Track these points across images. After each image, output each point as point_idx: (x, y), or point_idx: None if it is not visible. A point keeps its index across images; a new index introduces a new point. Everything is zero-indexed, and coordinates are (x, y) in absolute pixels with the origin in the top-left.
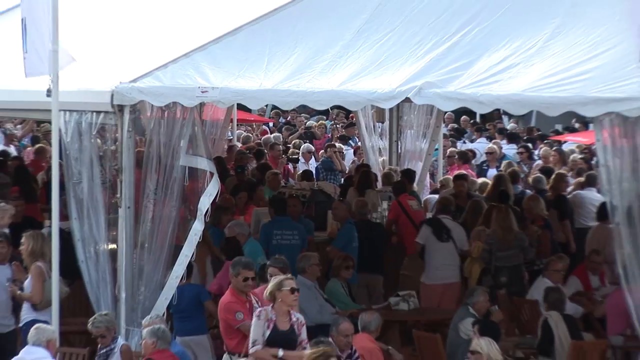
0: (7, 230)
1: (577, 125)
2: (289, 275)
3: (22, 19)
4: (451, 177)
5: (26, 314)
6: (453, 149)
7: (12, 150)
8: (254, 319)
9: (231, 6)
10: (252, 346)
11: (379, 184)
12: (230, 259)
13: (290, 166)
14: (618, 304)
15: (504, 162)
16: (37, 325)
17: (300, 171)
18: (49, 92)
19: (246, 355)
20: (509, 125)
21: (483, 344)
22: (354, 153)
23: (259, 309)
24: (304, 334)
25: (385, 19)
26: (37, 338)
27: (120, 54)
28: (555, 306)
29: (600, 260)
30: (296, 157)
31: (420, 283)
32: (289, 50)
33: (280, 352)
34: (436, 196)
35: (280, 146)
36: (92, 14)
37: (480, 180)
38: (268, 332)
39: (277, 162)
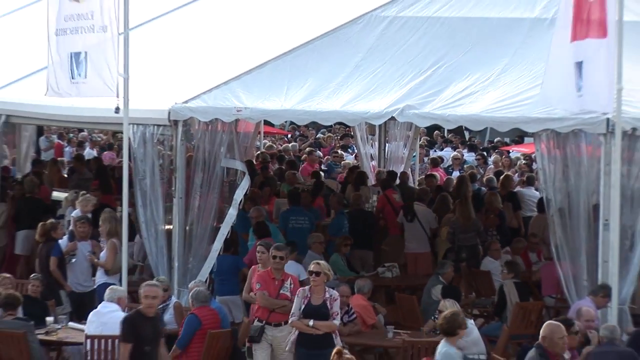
0: (89, 215)
1: (516, 138)
2: (315, 262)
3: (80, 52)
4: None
5: (99, 278)
6: (426, 156)
7: (94, 152)
8: (295, 297)
9: (259, 45)
10: (291, 317)
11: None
12: (260, 239)
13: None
14: (550, 274)
15: (466, 166)
16: (111, 286)
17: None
18: (117, 110)
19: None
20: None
21: (447, 304)
22: (355, 158)
23: (299, 289)
24: (335, 307)
25: (376, 57)
26: (111, 296)
27: (175, 80)
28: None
29: (538, 241)
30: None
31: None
32: (303, 80)
33: (311, 322)
34: None
35: (316, 153)
36: (151, 46)
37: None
38: (303, 306)
39: (313, 165)
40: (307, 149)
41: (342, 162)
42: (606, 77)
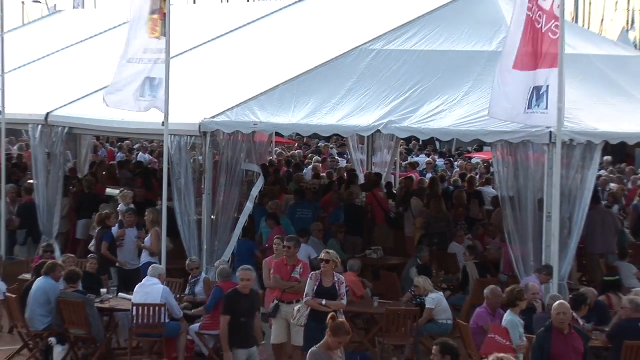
0: (132, 206)
1: (477, 147)
2: (326, 251)
3: (155, 78)
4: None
5: (144, 258)
6: (405, 161)
7: (147, 157)
8: (308, 279)
9: (272, 72)
10: (305, 297)
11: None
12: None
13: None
14: (504, 256)
15: (437, 170)
16: (153, 265)
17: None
18: (163, 124)
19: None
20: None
21: (421, 281)
22: (347, 162)
23: (312, 273)
24: (342, 289)
25: (365, 82)
26: (153, 272)
27: (204, 100)
28: (479, 257)
29: (494, 229)
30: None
31: None
32: (307, 100)
33: (324, 301)
34: None
35: (329, 160)
36: (185, 72)
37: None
38: (315, 288)
39: (326, 168)
40: (310, 154)
41: (337, 167)
42: (555, 99)
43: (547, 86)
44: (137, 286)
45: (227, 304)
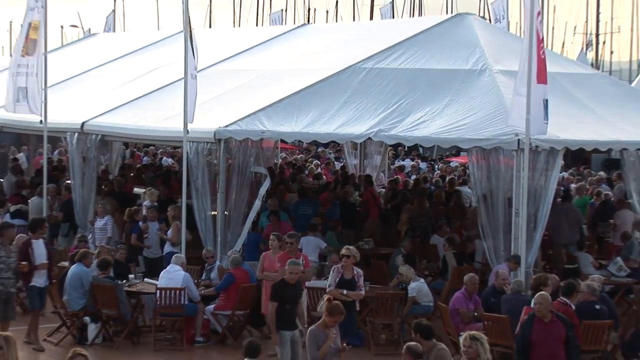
0: (156, 204)
1: (455, 152)
2: (347, 247)
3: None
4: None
5: (167, 248)
6: (392, 164)
7: (170, 161)
8: (331, 272)
9: (277, 88)
10: (328, 288)
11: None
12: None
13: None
14: (478, 246)
15: (420, 172)
16: (176, 254)
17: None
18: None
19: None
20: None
21: (404, 269)
22: (343, 165)
23: (334, 266)
24: (361, 281)
25: (358, 96)
26: (176, 261)
27: (219, 111)
28: (456, 247)
29: (470, 223)
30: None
31: None
32: (307, 111)
33: (344, 291)
34: None
35: (314, 162)
36: (202, 89)
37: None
38: (337, 280)
39: (329, 172)
40: (310, 158)
41: (333, 169)
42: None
43: (546, 99)
44: (162, 272)
45: (276, 292)
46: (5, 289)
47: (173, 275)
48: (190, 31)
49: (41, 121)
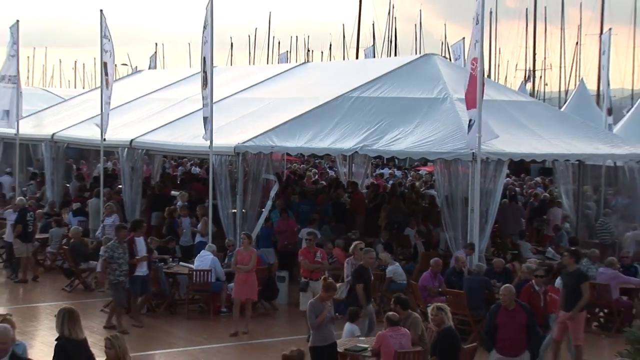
0: (187, 204)
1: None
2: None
3: (207, 117)
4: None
5: (197, 238)
6: (374, 172)
7: (198, 169)
8: (345, 264)
9: (283, 112)
10: (346, 278)
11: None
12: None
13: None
14: (442, 236)
15: (396, 179)
16: (208, 244)
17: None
18: (208, 147)
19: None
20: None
21: (383, 255)
22: (335, 173)
23: (347, 259)
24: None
25: (347, 119)
26: (208, 248)
27: (238, 130)
28: (425, 237)
29: (436, 218)
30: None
31: None
32: (307, 131)
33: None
34: None
35: (326, 172)
36: (223, 112)
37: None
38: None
39: (322, 177)
40: (309, 167)
41: (327, 176)
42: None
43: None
44: (196, 257)
45: (359, 276)
46: (125, 279)
47: (204, 259)
48: (206, 72)
49: (102, 139)
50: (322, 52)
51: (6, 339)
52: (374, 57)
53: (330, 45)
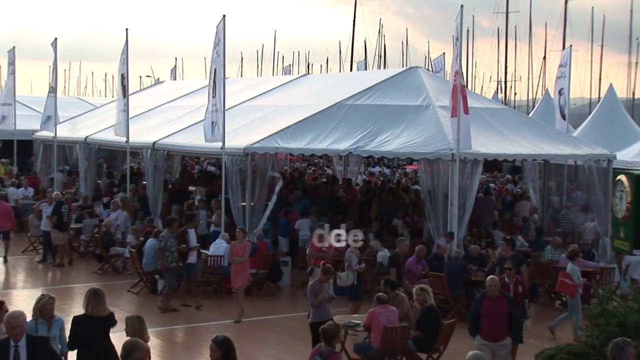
0: (204, 197)
1: (409, 161)
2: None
3: (214, 122)
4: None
5: (212, 228)
6: (366, 170)
7: (213, 168)
8: (351, 253)
9: (286, 118)
10: (355, 266)
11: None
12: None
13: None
14: (425, 226)
15: (385, 176)
16: (222, 233)
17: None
18: (221, 148)
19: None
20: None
21: (373, 243)
22: (332, 171)
23: (350, 249)
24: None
25: (342, 124)
26: (222, 236)
27: (247, 133)
28: (410, 227)
29: (420, 210)
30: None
31: None
32: (308, 134)
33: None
34: None
35: (324, 170)
36: (234, 117)
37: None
38: (357, 259)
39: (318, 174)
40: (309, 166)
41: (325, 174)
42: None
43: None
44: (212, 244)
45: (395, 261)
46: (176, 265)
47: (219, 246)
48: (215, 82)
49: (126, 141)
50: (321, 65)
51: (20, 321)
52: (366, 69)
53: (328, 59)
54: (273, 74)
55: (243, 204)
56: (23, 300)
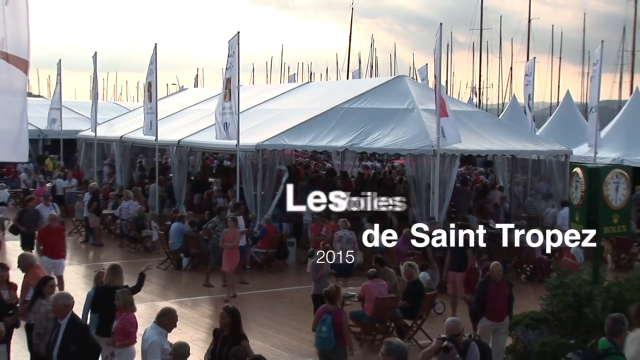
0: (221, 187)
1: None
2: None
3: (228, 122)
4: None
5: (228, 214)
6: (360, 164)
7: (229, 163)
8: (335, 236)
9: (290, 119)
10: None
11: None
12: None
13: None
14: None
15: (377, 169)
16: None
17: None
18: (236, 145)
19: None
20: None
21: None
22: (331, 165)
23: (339, 234)
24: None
25: (339, 125)
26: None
27: (258, 133)
28: (403, 219)
29: (408, 199)
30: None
31: None
32: (310, 133)
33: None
34: None
35: (324, 164)
36: (247, 119)
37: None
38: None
39: (318, 167)
40: (311, 161)
41: (325, 167)
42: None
43: (443, 127)
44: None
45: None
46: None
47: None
48: (230, 90)
49: (155, 139)
50: (321, 74)
51: (59, 303)
52: (360, 78)
53: (327, 69)
54: (280, 82)
55: (255, 192)
56: (70, 274)
